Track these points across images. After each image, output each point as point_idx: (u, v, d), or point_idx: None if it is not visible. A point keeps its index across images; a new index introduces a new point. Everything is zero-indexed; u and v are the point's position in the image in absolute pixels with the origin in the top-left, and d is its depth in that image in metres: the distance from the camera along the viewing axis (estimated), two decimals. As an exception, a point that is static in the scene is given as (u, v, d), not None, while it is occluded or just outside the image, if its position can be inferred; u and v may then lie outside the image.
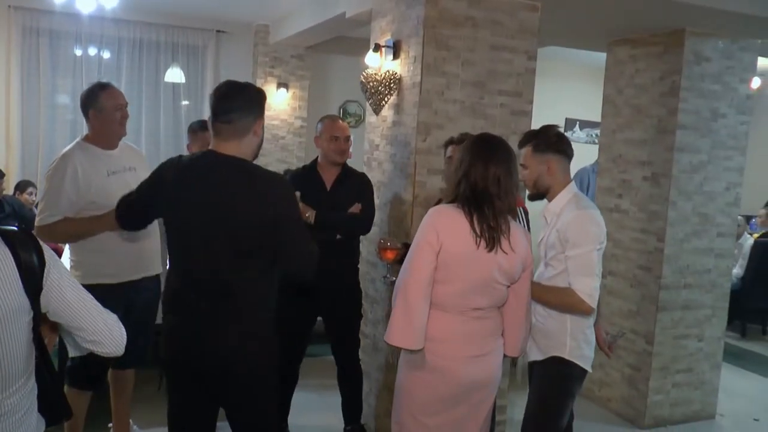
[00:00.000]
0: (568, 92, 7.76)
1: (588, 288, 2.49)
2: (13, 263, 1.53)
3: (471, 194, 2.33)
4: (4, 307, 1.51)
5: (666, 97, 4.30)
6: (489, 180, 2.32)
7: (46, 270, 1.59)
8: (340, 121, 3.58)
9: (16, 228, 1.64)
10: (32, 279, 1.56)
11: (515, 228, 2.39)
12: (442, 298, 2.34)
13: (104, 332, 1.71)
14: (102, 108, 3.07)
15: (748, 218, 7.71)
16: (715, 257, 4.46)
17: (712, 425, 4.53)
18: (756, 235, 7.16)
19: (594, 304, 2.50)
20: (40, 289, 1.59)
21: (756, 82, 6.04)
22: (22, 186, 5.57)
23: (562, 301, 2.57)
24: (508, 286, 2.42)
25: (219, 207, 2.22)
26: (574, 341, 2.62)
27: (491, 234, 2.30)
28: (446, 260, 2.30)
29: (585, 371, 2.67)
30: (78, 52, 6.49)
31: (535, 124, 3.44)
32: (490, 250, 2.30)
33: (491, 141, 2.45)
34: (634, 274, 4.44)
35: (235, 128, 2.26)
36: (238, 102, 2.27)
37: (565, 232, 2.54)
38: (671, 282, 4.30)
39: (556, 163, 2.64)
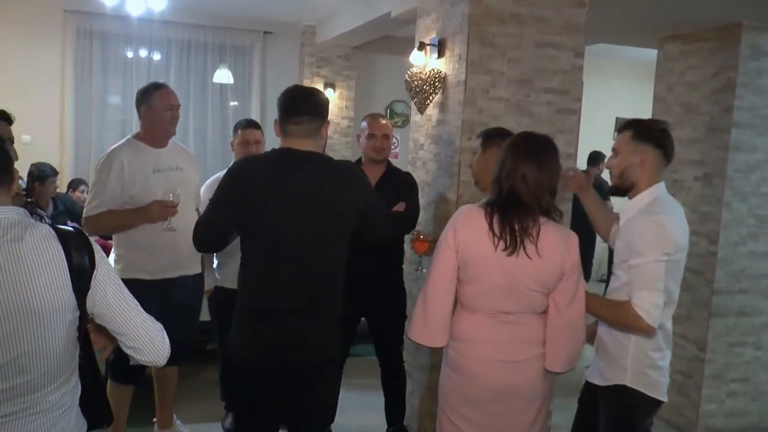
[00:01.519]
0: (618, 91, 7.61)
1: (646, 303, 2.20)
2: (65, 262, 1.56)
3: (507, 196, 2.23)
4: (50, 304, 1.53)
5: (719, 94, 4.16)
6: (530, 181, 2.22)
7: (95, 271, 1.61)
8: (381, 120, 3.56)
9: (72, 228, 1.67)
10: (81, 279, 1.59)
11: (550, 233, 2.23)
12: (468, 299, 2.30)
13: (144, 340, 1.69)
14: (153, 106, 3.15)
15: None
16: (773, 261, 4.29)
17: (770, 438, 4.36)
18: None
19: (654, 323, 2.21)
20: (88, 288, 1.61)
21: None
22: (74, 184, 5.71)
23: (615, 316, 2.33)
24: (546, 294, 2.28)
25: (314, 197, 2.32)
26: (636, 366, 2.34)
27: (513, 237, 2.18)
28: (466, 260, 2.24)
29: (655, 401, 2.37)
30: (129, 54, 6.66)
31: (585, 124, 3.38)
32: (510, 254, 2.18)
33: (536, 140, 2.33)
34: (685, 278, 4.25)
35: (305, 130, 2.36)
36: (308, 106, 2.38)
37: (629, 239, 2.31)
38: (725, 287, 4.15)
39: (651, 158, 2.37)
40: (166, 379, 3.49)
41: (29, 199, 2.51)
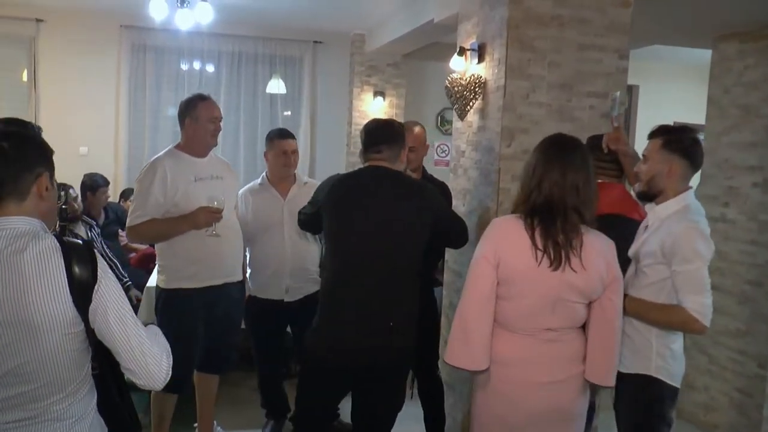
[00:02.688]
0: (671, 94, 7.38)
1: (700, 306, 2.26)
2: (65, 275, 1.55)
3: (543, 205, 2.16)
4: (48, 317, 1.53)
5: (780, 95, 3.96)
6: (567, 189, 2.15)
7: (96, 285, 1.59)
8: (413, 129, 3.58)
9: (80, 241, 1.67)
10: (83, 292, 1.58)
11: (592, 243, 2.18)
12: (508, 317, 2.20)
13: (139, 363, 1.64)
14: (198, 117, 3.20)
15: None
16: (837, 272, 4.05)
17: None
18: None
19: (707, 323, 2.28)
20: (90, 302, 1.59)
21: None
22: (126, 194, 5.87)
23: (670, 319, 2.36)
24: (588, 304, 2.23)
25: (396, 211, 2.61)
26: (660, 357, 2.41)
27: (557, 251, 2.12)
28: (507, 276, 2.16)
29: (676, 389, 2.46)
30: (182, 67, 6.80)
31: (641, 129, 3.25)
32: (555, 269, 2.12)
33: (567, 143, 2.25)
34: (743, 290, 4.10)
35: (384, 157, 2.69)
36: (386, 135, 2.71)
37: (672, 245, 2.31)
38: (787, 298, 3.94)
39: (679, 168, 2.40)
40: (207, 387, 3.52)
41: (63, 206, 2.56)
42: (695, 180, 3.60)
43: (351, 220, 2.60)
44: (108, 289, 1.62)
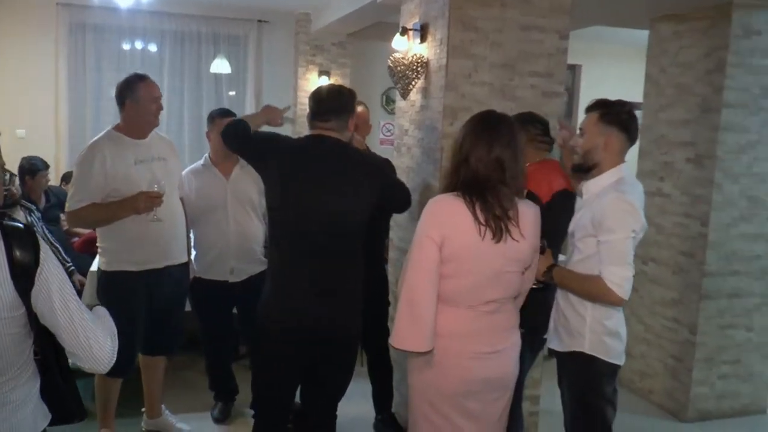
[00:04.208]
0: (614, 73, 7.56)
1: (618, 278, 2.29)
2: (5, 259, 1.54)
3: (473, 181, 2.19)
4: None
5: (712, 74, 4.09)
6: (492, 164, 2.18)
7: (39, 269, 1.58)
8: (358, 108, 3.54)
9: (20, 225, 1.65)
10: (24, 276, 1.56)
11: (525, 211, 2.24)
12: (451, 294, 2.22)
13: (83, 347, 1.63)
14: (139, 99, 3.14)
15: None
16: (765, 243, 4.23)
17: (762, 420, 4.32)
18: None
19: (625, 296, 2.30)
20: (32, 286, 1.58)
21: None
22: (67, 177, 5.70)
23: (588, 290, 2.39)
24: (523, 272, 2.30)
25: (340, 179, 2.57)
26: (594, 334, 2.44)
27: (497, 223, 2.16)
28: (452, 254, 2.17)
29: (614, 366, 2.47)
30: (123, 46, 6.64)
31: (583, 107, 3.33)
32: (497, 241, 2.16)
33: (495, 119, 2.28)
34: (677, 261, 4.26)
35: (332, 126, 2.63)
36: (335, 103, 2.64)
37: (600, 216, 2.34)
38: (716, 269, 4.11)
39: (616, 141, 2.44)
40: (154, 370, 3.50)
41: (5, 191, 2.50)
42: (633, 156, 3.73)
43: (299, 191, 2.56)
44: (50, 272, 1.60)
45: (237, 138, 2.75)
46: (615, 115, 2.45)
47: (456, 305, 2.24)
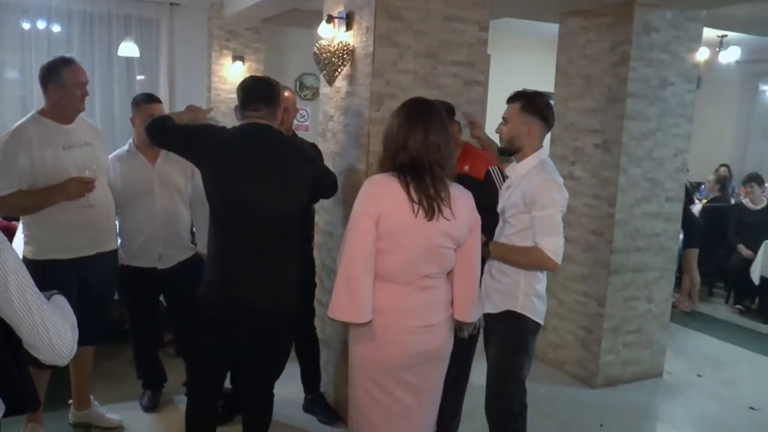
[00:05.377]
0: (522, 64, 7.87)
1: (553, 246, 2.62)
2: None
3: (410, 164, 2.31)
4: None
5: (616, 66, 4.38)
6: (430, 148, 2.31)
7: None
8: (283, 93, 3.58)
9: None
10: None
11: (457, 193, 2.39)
12: (387, 269, 2.33)
13: (42, 338, 1.57)
14: (63, 83, 3.05)
15: (696, 185, 7.96)
16: (664, 221, 4.60)
17: (660, 383, 4.72)
18: (705, 201, 7.38)
19: (559, 261, 2.64)
20: None
21: (703, 53, 6.24)
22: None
23: (528, 259, 2.69)
24: (455, 250, 2.43)
25: (278, 166, 2.65)
26: (526, 296, 2.75)
27: (430, 203, 2.30)
28: (387, 230, 2.29)
29: (538, 324, 2.81)
30: (26, 26, 6.32)
31: (492, 95, 3.51)
32: (429, 219, 2.30)
33: (427, 106, 2.41)
34: (587, 239, 4.56)
35: (262, 115, 2.69)
36: (264, 93, 2.71)
37: (532, 194, 2.64)
38: (622, 246, 4.43)
39: (537, 128, 2.77)
40: (82, 360, 3.42)
41: None
42: (546, 142, 3.95)
43: (238, 177, 2.60)
44: (5, 261, 1.53)
45: (164, 134, 2.78)
46: (535, 105, 2.77)
47: (393, 281, 2.35)
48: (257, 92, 2.71)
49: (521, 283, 2.75)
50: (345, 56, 3.67)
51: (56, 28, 6.43)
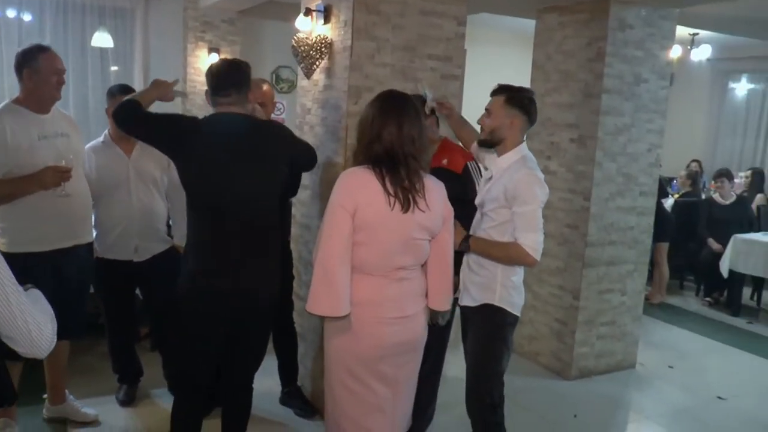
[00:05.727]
0: (498, 59, 7.91)
1: (533, 242, 2.60)
2: None
3: (385, 156, 2.32)
4: None
5: (592, 62, 4.43)
6: (404, 139, 2.32)
7: None
8: (262, 86, 3.58)
9: None
10: None
11: (431, 185, 2.41)
12: (363, 261, 2.34)
13: (22, 332, 1.57)
14: (38, 70, 3.01)
15: (668, 180, 8.09)
16: (637, 215, 4.68)
17: (632, 374, 4.80)
18: (677, 195, 7.50)
19: (538, 257, 2.63)
20: None
21: (676, 51, 6.34)
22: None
23: (508, 254, 2.68)
24: (430, 240, 2.46)
25: (255, 156, 2.62)
26: (504, 288, 2.74)
27: (405, 195, 2.31)
28: (363, 223, 2.29)
29: (516, 317, 2.81)
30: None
31: (468, 89, 3.54)
32: (405, 211, 2.31)
33: (401, 99, 2.42)
34: (562, 233, 4.61)
35: (234, 100, 2.65)
36: (234, 77, 2.66)
37: (514, 190, 2.63)
38: (597, 239, 4.49)
39: (519, 122, 2.76)
40: (57, 354, 3.37)
41: None
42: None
43: (213, 169, 2.58)
44: None
45: (130, 120, 2.71)
46: (519, 99, 2.76)
47: (369, 273, 2.36)
48: (227, 78, 2.66)
49: (499, 276, 2.74)
50: (323, 49, 3.67)
51: (27, 17, 6.32)
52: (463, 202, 2.84)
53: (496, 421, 2.81)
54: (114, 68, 6.78)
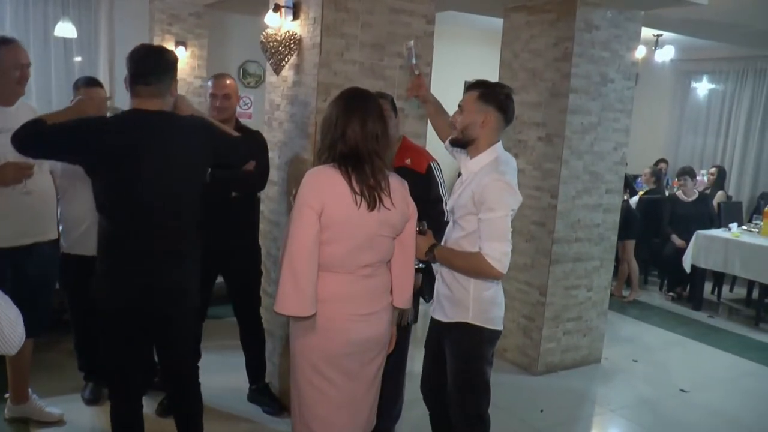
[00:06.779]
0: (466, 56, 7.94)
1: (497, 253, 2.42)
2: None
3: (349, 154, 2.31)
4: None
5: (559, 62, 4.48)
6: (368, 137, 2.31)
7: None
8: (225, 80, 3.56)
9: None
10: None
11: (394, 182, 2.41)
12: (329, 259, 2.33)
13: None
14: (0, 63, 2.93)
15: (634, 177, 8.23)
16: (603, 212, 4.75)
17: (598, 368, 4.89)
18: (641, 193, 7.64)
19: (504, 270, 2.44)
20: None
21: (641, 51, 6.45)
22: None
23: (470, 265, 2.52)
24: (394, 238, 2.46)
25: (170, 155, 2.47)
26: (477, 303, 2.58)
27: (371, 193, 2.30)
28: (330, 221, 2.28)
29: (496, 331, 2.65)
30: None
31: (435, 87, 3.55)
32: (371, 210, 2.30)
33: (364, 96, 2.41)
34: (529, 230, 4.66)
35: (154, 90, 2.47)
36: (157, 65, 2.48)
37: (481, 195, 2.46)
38: (563, 236, 4.56)
39: (493, 120, 2.56)
40: (20, 352, 3.26)
41: None
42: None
43: (133, 170, 2.42)
44: None
45: (29, 141, 2.37)
46: (494, 95, 2.56)
47: (335, 271, 2.35)
48: (148, 65, 2.46)
49: (471, 291, 2.57)
50: (292, 46, 3.65)
51: (-15, 7, 6.17)
52: (426, 201, 2.82)
53: (483, 429, 2.74)
54: (78, 59, 6.65)
